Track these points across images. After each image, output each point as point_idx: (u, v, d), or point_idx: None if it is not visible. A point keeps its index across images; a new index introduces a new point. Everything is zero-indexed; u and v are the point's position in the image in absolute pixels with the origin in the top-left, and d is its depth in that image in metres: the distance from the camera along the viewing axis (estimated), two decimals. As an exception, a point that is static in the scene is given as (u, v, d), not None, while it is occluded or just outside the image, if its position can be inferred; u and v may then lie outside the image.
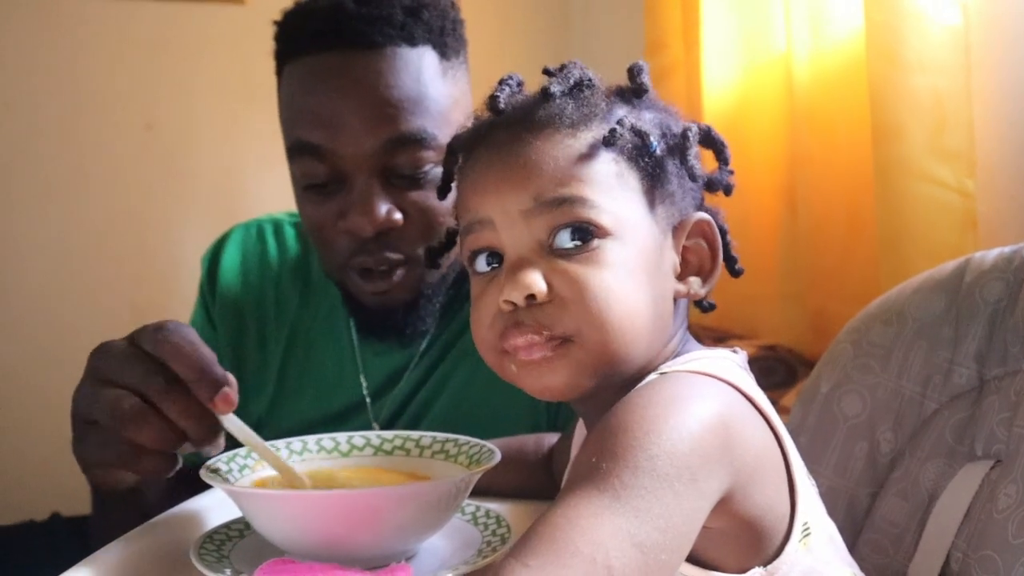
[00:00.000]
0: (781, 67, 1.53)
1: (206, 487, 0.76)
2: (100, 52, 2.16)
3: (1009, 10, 1.18)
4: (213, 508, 0.76)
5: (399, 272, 0.96)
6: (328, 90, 0.92)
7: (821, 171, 1.42)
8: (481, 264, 0.61)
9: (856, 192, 1.36)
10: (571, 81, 0.61)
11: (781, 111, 1.55)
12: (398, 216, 0.93)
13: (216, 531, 0.69)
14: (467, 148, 0.64)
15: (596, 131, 0.59)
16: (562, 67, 0.63)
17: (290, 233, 1.15)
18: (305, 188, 0.96)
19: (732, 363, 0.58)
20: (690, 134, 0.62)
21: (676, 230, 0.62)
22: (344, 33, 0.92)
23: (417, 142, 0.91)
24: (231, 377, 0.66)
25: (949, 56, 1.19)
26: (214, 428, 0.66)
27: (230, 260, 1.13)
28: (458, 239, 0.65)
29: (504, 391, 0.63)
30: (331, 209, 0.95)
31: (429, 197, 0.94)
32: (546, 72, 0.64)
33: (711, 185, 0.66)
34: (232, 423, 0.66)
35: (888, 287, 0.92)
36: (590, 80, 0.62)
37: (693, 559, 0.53)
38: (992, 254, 0.83)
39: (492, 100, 0.62)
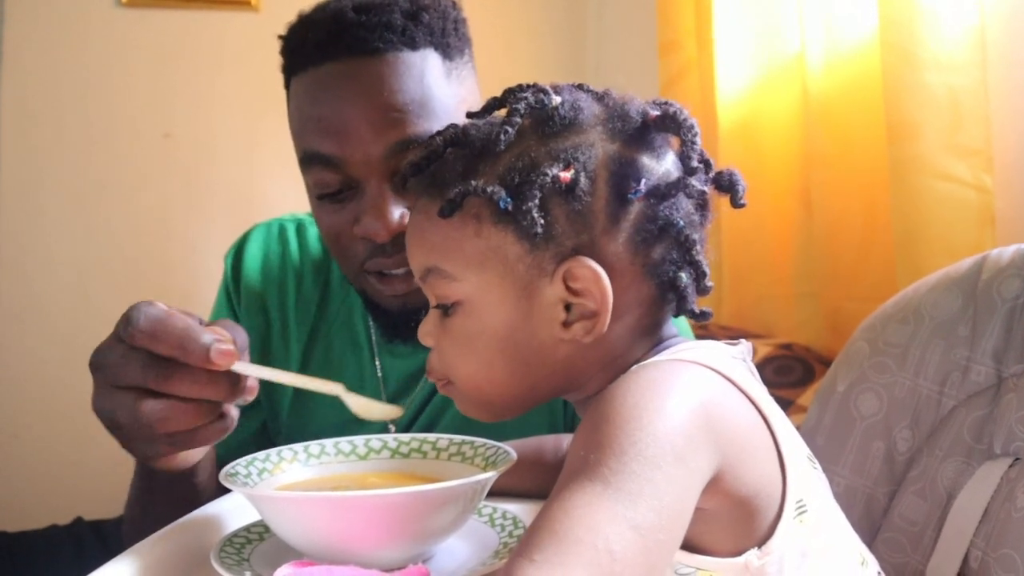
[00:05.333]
0: (795, 67, 1.53)
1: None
2: (116, 61, 2.18)
3: (1025, 6, 1.18)
4: (233, 512, 0.77)
5: None
6: (333, 99, 0.92)
7: (836, 170, 1.42)
8: None
9: (872, 190, 1.35)
10: (428, 151, 0.62)
11: (796, 111, 1.55)
12: None
13: (236, 534, 0.69)
14: None
15: (453, 195, 0.59)
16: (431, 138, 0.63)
17: (312, 232, 1.16)
18: (319, 197, 0.96)
19: (718, 351, 0.59)
20: (574, 171, 0.57)
21: (565, 274, 0.58)
22: (345, 42, 0.92)
23: None
24: (222, 329, 0.67)
25: (965, 53, 1.18)
26: (233, 381, 0.66)
27: (252, 259, 1.14)
28: None
29: None
30: (346, 216, 0.95)
31: None
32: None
33: (658, 192, 0.58)
34: (244, 368, 0.66)
35: (905, 285, 0.92)
36: (454, 138, 0.61)
37: (689, 546, 0.54)
38: (1009, 251, 0.82)
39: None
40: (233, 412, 0.70)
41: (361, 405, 0.71)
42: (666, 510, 0.47)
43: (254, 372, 0.68)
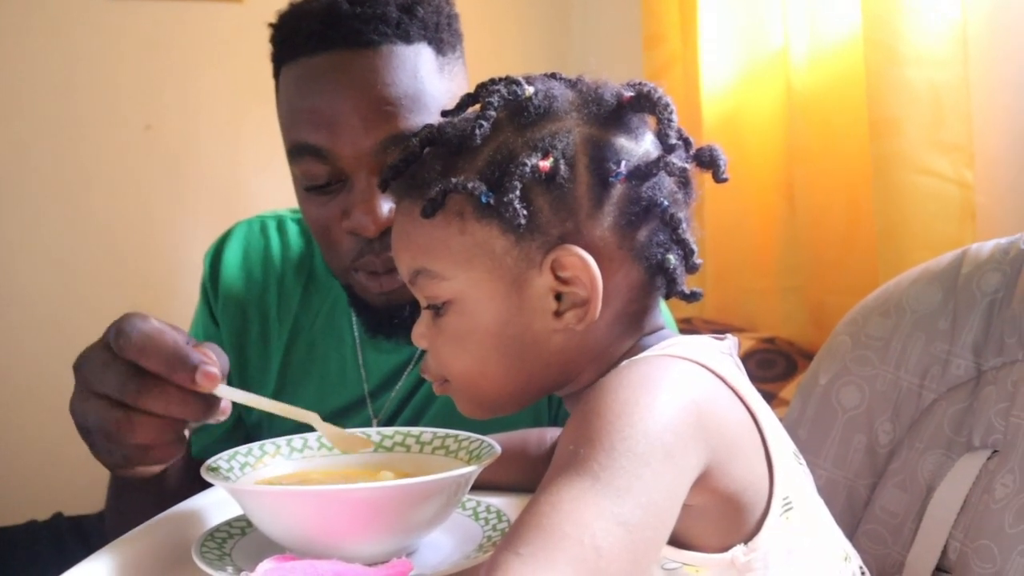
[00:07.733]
0: (779, 61, 1.53)
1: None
2: (97, 52, 2.16)
3: (1007, 1, 1.19)
4: (214, 506, 0.77)
5: None
6: (325, 91, 0.91)
7: (819, 165, 1.43)
8: None
9: (854, 185, 1.36)
10: (407, 153, 0.62)
11: (779, 105, 1.56)
12: None
13: (218, 529, 0.69)
14: None
15: (434, 194, 0.59)
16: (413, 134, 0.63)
17: (293, 229, 1.15)
18: (307, 189, 0.96)
19: (707, 346, 0.59)
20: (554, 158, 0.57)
21: (554, 263, 0.58)
22: (339, 33, 0.91)
23: None
24: (209, 352, 0.66)
25: (947, 49, 1.19)
26: (209, 403, 0.67)
27: (232, 256, 1.13)
28: None
29: None
30: (334, 209, 0.95)
31: None
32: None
33: (641, 174, 0.58)
34: (226, 392, 0.67)
35: (887, 279, 0.92)
36: (431, 137, 0.61)
37: (676, 541, 0.54)
38: (988, 245, 0.83)
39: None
40: (186, 434, 0.71)
41: (334, 435, 0.71)
42: (654, 507, 0.47)
43: (234, 396, 0.67)
